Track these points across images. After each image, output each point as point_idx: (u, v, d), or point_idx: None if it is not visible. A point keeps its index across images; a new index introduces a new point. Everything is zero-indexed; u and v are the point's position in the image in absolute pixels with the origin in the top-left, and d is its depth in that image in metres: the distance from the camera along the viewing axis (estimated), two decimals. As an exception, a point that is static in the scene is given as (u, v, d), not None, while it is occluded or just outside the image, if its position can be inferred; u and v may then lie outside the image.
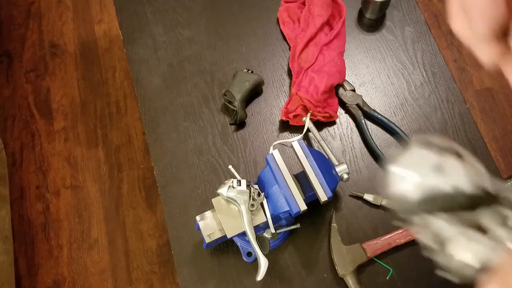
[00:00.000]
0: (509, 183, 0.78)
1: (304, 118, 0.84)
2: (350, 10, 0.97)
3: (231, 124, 0.89)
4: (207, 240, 0.71)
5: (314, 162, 0.71)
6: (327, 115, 0.86)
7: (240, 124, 0.89)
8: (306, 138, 0.87)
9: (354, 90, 0.90)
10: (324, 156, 0.76)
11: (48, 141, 1.76)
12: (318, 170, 0.71)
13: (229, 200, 0.70)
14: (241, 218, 0.69)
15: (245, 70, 0.90)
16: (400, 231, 0.78)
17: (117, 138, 1.74)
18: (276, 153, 0.72)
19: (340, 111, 0.89)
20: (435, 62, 0.93)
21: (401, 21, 0.97)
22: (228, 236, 0.70)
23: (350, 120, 0.89)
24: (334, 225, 0.79)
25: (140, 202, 1.65)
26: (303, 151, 0.72)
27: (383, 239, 0.78)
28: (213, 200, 0.71)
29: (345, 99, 0.89)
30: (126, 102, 1.80)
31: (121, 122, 1.77)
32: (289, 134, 0.88)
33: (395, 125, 0.86)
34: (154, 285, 1.54)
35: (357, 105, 0.88)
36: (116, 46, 1.89)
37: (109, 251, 1.59)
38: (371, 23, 0.97)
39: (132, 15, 1.00)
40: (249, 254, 0.78)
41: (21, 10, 1.99)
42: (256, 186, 0.71)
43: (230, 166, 0.75)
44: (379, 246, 0.77)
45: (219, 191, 0.70)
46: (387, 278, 0.77)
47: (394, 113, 0.89)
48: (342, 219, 0.81)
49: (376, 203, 0.81)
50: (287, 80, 0.93)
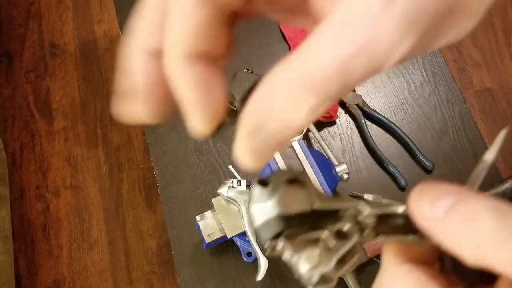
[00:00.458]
0: (509, 183, 0.78)
1: (304, 118, 0.84)
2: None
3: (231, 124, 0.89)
4: (207, 240, 0.71)
5: (314, 162, 0.71)
6: (327, 115, 0.86)
7: (240, 124, 0.89)
8: (306, 138, 0.87)
9: (354, 90, 0.90)
10: (324, 156, 0.76)
11: (48, 141, 1.76)
12: (318, 170, 0.71)
13: (229, 200, 0.70)
14: (241, 218, 0.69)
15: (245, 70, 0.90)
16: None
17: (117, 138, 1.74)
18: (276, 153, 0.72)
19: (340, 111, 0.89)
20: (435, 62, 0.93)
21: (401, 21, 0.97)
22: (228, 236, 0.70)
23: (350, 120, 0.89)
24: (334, 225, 0.79)
25: (140, 202, 1.65)
26: (303, 151, 0.72)
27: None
28: (213, 200, 0.71)
29: (345, 99, 0.89)
30: (126, 102, 1.80)
31: (121, 122, 1.77)
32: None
33: (395, 125, 0.86)
34: (154, 285, 1.54)
35: (357, 105, 0.88)
36: (116, 46, 1.90)
37: (109, 251, 1.59)
38: (371, 23, 0.97)
39: (132, 15, 1.00)
40: (249, 254, 0.78)
41: (21, 10, 1.99)
42: (256, 186, 0.71)
43: (230, 166, 0.76)
44: (379, 246, 0.77)
45: (219, 191, 0.70)
46: (387, 278, 0.77)
47: (394, 113, 0.89)
48: (342, 219, 0.81)
49: (376, 203, 0.81)
50: (287, 80, 0.93)
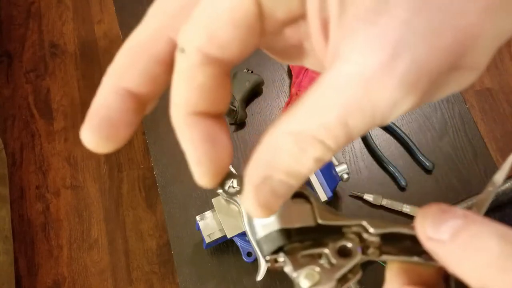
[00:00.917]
0: (509, 183, 0.78)
1: (304, 118, 0.84)
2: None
3: (231, 124, 0.89)
4: (207, 240, 0.71)
5: (314, 162, 0.71)
6: (327, 115, 0.86)
7: (240, 124, 0.89)
8: (306, 138, 0.87)
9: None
10: (324, 156, 0.76)
11: (48, 141, 1.76)
12: (318, 170, 0.71)
13: (229, 200, 0.70)
14: (241, 218, 0.69)
15: (245, 70, 0.90)
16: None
17: (117, 138, 1.74)
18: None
19: (340, 111, 0.89)
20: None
21: (401, 21, 0.97)
22: (228, 236, 0.70)
23: (350, 120, 0.89)
24: (334, 225, 0.79)
25: (140, 202, 1.65)
26: (303, 151, 0.72)
27: (383, 239, 0.78)
28: (213, 200, 0.71)
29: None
30: (126, 102, 1.80)
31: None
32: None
33: (395, 125, 0.86)
34: (154, 285, 1.54)
35: (357, 105, 0.88)
36: (116, 46, 1.89)
37: (109, 251, 1.59)
38: (371, 23, 0.97)
39: (132, 15, 1.00)
40: (249, 254, 0.78)
41: (21, 10, 1.99)
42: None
43: (230, 166, 0.76)
44: (379, 246, 0.77)
45: (219, 191, 0.70)
46: (387, 278, 0.77)
47: (394, 113, 0.89)
48: (342, 219, 0.81)
49: (376, 203, 0.81)
50: (287, 80, 0.93)
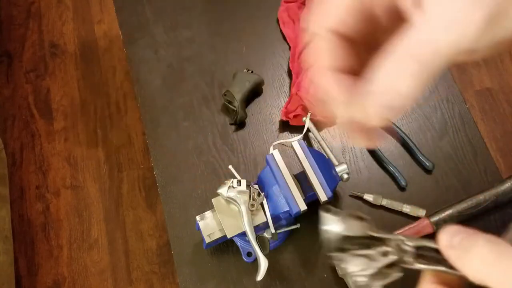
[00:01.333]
0: (509, 183, 0.78)
1: (304, 118, 0.84)
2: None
3: (231, 124, 0.89)
4: (207, 240, 0.71)
5: (314, 162, 0.71)
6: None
7: (240, 124, 0.89)
8: (306, 138, 0.87)
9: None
10: (324, 156, 0.76)
11: (48, 141, 1.76)
12: (318, 170, 0.71)
13: (229, 200, 0.70)
14: (241, 218, 0.69)
15: (245, 70, 0.90)
16: (400, 231, 0.78)
17: (117, 138, 1.74)
18: (276, 153, 0.72)
19: (340, 111, 0.89)
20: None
21: (401, 21, 0.97)
22: (228, 236, 0.70)
23: (350, 120, 0.89)
24: (334, 225, 0.79)
25: (140, 202, 1.65)
26: (303, 151, 0.72)
27: (383, 239, 0.78)
28: (213, 200, 0.71)
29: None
30: (126, 102, 1.80)
31: (121, 122, 1.77)
32: (289, 134, 0.88)
33: (395, 125, 0.86)
34: (154, 285, 1.54)
35: (357, 105, 0.88)
36: (116, 46, 1.90)
37: (109, 251, 1.59)
38: (371, 23, 0.97)
39: (132, 15, 1.00)
40: (249, 254, 0.78)
41: (21, 10, 1.99)
42: (256, 186, 0.71)
43: (230, 166, 0.75)
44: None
45: (219, 191, 0.69)
46: (387, 278, 0.77)
47: (394, 113, 0.89)
48: (342, 219, 0.81)
49: (376, 203, 0.81)
50: (287, 80, 0.93)
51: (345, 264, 0.32)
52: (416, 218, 0.79)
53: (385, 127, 0.38)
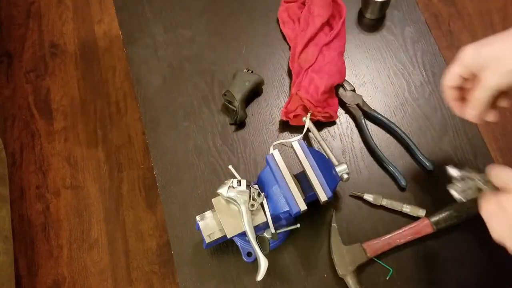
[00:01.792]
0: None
1: (304, 118, 0.84)
2: (350, 10, 0.97)
3: (231, 124, 0.89)
4: (207, 240, 0.71)
5: (314, 162, 0.71)
6: (327, 115, 0.86)
7: (240, 124, 0.89)
8: (306, 138, 0.87)
9: (354, 90, 0.90)
10: (324, 156, 0.76)
11: (48, 141, 1.76)
12: (318, 170, 0.71)
13: (229, 200, 0.70)
14: (241, 218, 0.69)
15: (245, 70, 0.90)
16: (400, 231, 0.78)
17: (117, 138, 1.74)
18: (276, 153, 0.72)
19: (340, 111, 0.89)
20: (435, 62, 0.93)
21: (401, 21, 0.97)
22: (228, 236, 0.70)
23: (350, 120, 0.89)
24: (334, 225, 0.79)
25: (140, 202, 1.65)
26: (303, 151, 0.72)
27: (383, 239, 0.78)
28: (213, 200, 0.71)
29: (345, 99, 0.89)
30: (126, 102, 1.80)
31: (121, 122, 1.77)
32: (289, 134, 0.88)
33: (395, 125, 0.86)
34: (154, 285, 1.54)
35: (357, 105, 0.88)
36: (116, 46, 1.90)
37: (109, 251, 1.59)
38: (371, 23, 0.97)
39: (132, 15, 1.00)
40: (249, 254, 0.78)
41: (21, 10, 1.99)
42: (256, 186, 0.71)
43: (230, 166, 0.75)
44: (379, 246, 0.77)
45: (219, 191, 0.69)
46: (387, 278, 0.77)
47: (394, 113, 0.89)
48: (342, 219, 0.81)
49: (376, 203, 0.81)
50: (287, 80, 0.93)
51: (456, 184, 0.65)
52: (416, 218, 0.79)
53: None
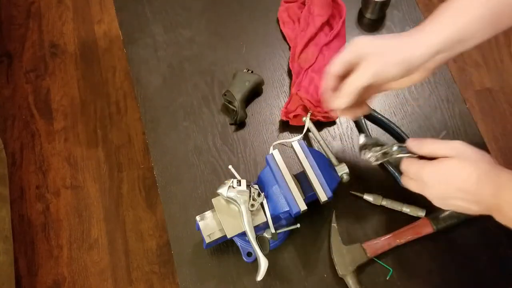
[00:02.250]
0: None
1: (304, 118, 0.84)
2: (350, 10, 0.97)
3: (231, 124, 0.89)
4: (207, 240, 0.71)
5: (314, 162, 0.71)
6: (327, 115, 0.86)
7: (240, 124, 0.89)
8: (306, 138, 0.87)
9: (354, 90, 0.90)
10: (324, 156, 0.76)
11: (48, 141, 1.76)
12: (318, 170, 0.71)
13: (229, 200, 0.70)
14: (241, 218, 0.69)
15: (245, 70, 0.90)
16: (400, 231, 0.78)
17: (117, 138, 1.74)
18: (276, 153, 0.72)
19: (340, 111, 0.89)
20: (435, 62, 0.92)
21: (401, 21, 0.97)
22: (228, 236, 0.70)
23: (350, 120, 0.89)
24: (334, 225, 0.79)
25: (140, 202, 1.65)
26: (303, 151, 0.72)
27: (383, 239, 0.78)
28: (213, 200, 0.71)
29: (345, 99, 0.89)
30: (126, 102, 1.80)
31: (121, 122, 1.77)
32: (289, 134, 0.88)
33: (395, 125, 0.86)
34: (154, 285, 1.54)
35: (357, 105, 0.88)
36: (116, 46, 1.89)
37: (109, 251, 1.59)
38: (371, 23, 0.97)
39: (132, 15, 1.00)
40: (249, 254, 0.78)
41: (21, 10, 1.99)
42: (256, 186, 0.71)
43: (230, 166, 0.75)
44: (379, 246, 0.77)
45: (219, 191, 0.69)
46: (387, 278, 0.77)
47: (394, 113, 0.89)
48: (342, 219, 0.81)
49: (376, 203, 0.81)
50: (287, 80, 0.93)
51: (367, 152, 0.68)
52: (416, 218, 0.79)
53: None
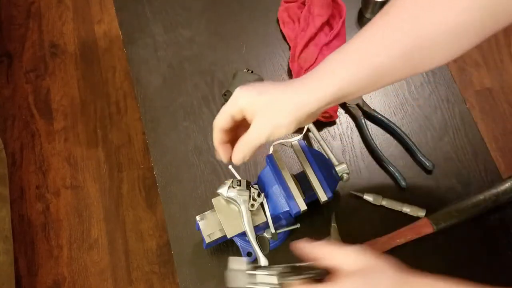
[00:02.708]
0: (509, 183, 0.78)
1: (304, 118, 0.84)
2: (350, 10, 0.97)
3: (231, 124, 0.89)
4: (207, 240, 0.71)
5: (314, 162, 0.71)
6: (327, 115, 0.86)
7: (240, 124, 0.89)
8: (306, 138, 0.87)
9: (354, 90, 0.90)
10: (324, 156, 0.76)
11: (48, 141, 1.76)
12: (318, 170, 0.71)
13: (229, 200, 0.70)
14: (241, 218, 0.69)
15: (245, 70, 0.90)
16: (400, 231, 0.78)
17: (117, 138, 1.74)
18: (276, 153, 0.72)
19: (340, 111, 0.89)
20: (435, 62, 0.92)
21: (401, 21, 0.97)
22: (228, 236, 0.70)
23: (350, 120, 0.89)
24: (334, 225, 0.79)
25: (140, 202, 1.65)
26: (303, 151, 0.72)
27: (383, 239, 0.77)
28: (213, 200, 0.71)
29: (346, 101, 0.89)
30: (126, 102, 1.80)
31: (121, 122, 1.77)
32: (289, 134, 0.88)
33: (395, 125, 0.86)
34: (154, 285, 1.54)
35: (357, 105, 0.88)
36: (116, 46, 1.90)
37: (109, 251, 1.59)
38: (371, 23, 0.97)
39: (132, 15, 1.00)
40: (249, 254, 0.78)
41: (21, 10, 1.99)
42: (256, 186, 0.71)
43: (230, 166, 0.75)
44: (379, 246, 0.77)
45: (219, 191, 0.69)
46: (387, 278, 0.77)
47: (394, 113, 0.89)
48: (342, 219, 0.81)
49: (376, 203, 0.81)
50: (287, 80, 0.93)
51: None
52: (416, 218, 0.79)
53: None
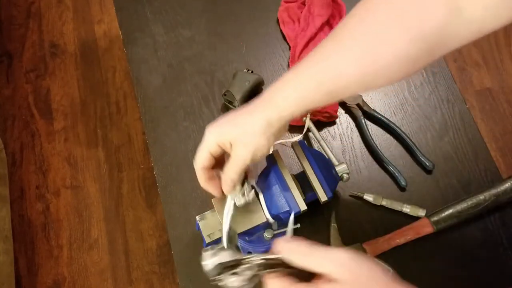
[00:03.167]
0: (509, 183, 0.78)
1: (304, 118, 0.84)
2: (350, 10, 0.97)
3: (231, 124, 0.89)
4: (207, 240, 0.71)
5: (314, 162, 0.71)
6: (327, 115, 0.86)
7: (240, 124, 0.89)
8: (306, 138, 0.87)
9: (354, 90, 0.90)
10: (324, 156, 0.76)
11: (48, 141, 1.76)
12: (318, 170, 0.71)
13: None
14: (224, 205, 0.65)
15: (245, 70, 0.90)
16: (400, 231, 0.78)
17: (117, 138, 1.74)
18: (276, 153, 0.72)
19: (340, 111, 0.89)
20: (435, 62, 0.93)
21: (401, 21, 0.97)
22: (228, 236, 0.70)
23: (350, 120, 0.89)
24: (334, 225, 0.79)
25: (140, 202, 1.65)
26: (303, 151, 0.72)
27: (383, 239, 0.77)
28: (213, 200, 0.71)
29: (345, 99, 0.89)
30: (126, 102, 1.80)
31: (121, 122, 1.77)
32: (289, 134, 0.88)
33: (395, 125, 0.86)
34: (154, 285, 1.54)
35: (357, 105, 0.88)
36: (116, 46, 1.90)
37: (109, 251, 1.59)
38: (371, 23, 0.97)
39: (132, 15, 1.00)
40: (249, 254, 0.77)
41: (21, 10, 1.99)
42: (255, 186, 0.71)
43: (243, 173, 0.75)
44: (379, 246, 0.77)
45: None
46: (387, 278, 0.77)
47: (394, 113, 0.89)
48: (342, 219, 0.81)
49: (376, 203, 0.81)
50: (287, 80, 0.93)
51: (224, 282, 0.50)
52: (416, 218, 0.79)
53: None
